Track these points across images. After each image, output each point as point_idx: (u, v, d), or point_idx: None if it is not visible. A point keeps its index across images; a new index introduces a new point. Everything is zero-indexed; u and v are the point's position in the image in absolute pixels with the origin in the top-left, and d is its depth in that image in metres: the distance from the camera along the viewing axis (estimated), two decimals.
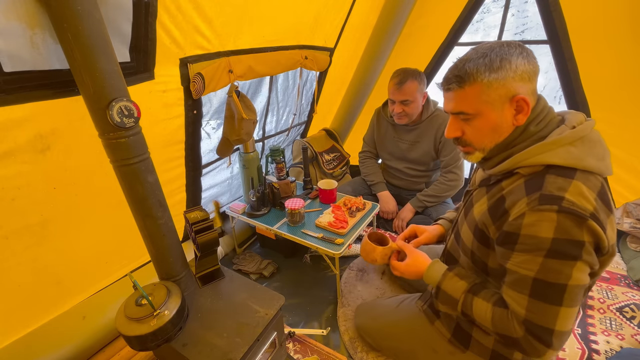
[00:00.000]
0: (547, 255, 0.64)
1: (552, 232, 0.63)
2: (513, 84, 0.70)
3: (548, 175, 0.67)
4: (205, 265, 1.11)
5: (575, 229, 0.62)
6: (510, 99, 0.71)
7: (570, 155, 0.67)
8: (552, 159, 0.68)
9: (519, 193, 0.70)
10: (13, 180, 0.85)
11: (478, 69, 0.71)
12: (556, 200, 0.63)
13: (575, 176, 0.66)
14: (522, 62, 0.69)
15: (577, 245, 0.62)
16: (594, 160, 0.69)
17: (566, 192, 0.64)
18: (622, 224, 1.89)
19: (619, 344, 1.33)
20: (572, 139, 0.69)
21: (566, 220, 0.62)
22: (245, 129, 1.47)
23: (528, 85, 0.71)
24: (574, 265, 0.63)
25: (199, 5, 1.04)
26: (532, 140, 0.73)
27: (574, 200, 0.63)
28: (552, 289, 0.65)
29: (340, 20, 1.87)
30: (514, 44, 0.71)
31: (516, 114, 0.73)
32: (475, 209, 0.84)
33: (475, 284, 0.83)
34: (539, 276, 0.66)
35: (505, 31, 2.14)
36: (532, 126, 0.73)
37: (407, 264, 0.97)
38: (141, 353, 1.25)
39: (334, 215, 1.61)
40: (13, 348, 1.02)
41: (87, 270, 1.18)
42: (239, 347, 0.86)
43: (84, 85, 0.74)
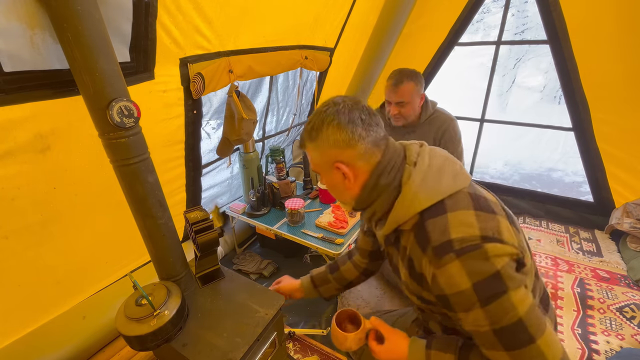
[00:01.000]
0: (481, 305, 0.61)
1: (467, 280, 0.60)
2: (329, 152, 0.72)
3: (426, 222, 0.66)
4: (205, 265, 1.11)
5: (482, 263, 0.60)
6: (332, 165, 0.73)
7: (429, 192, 0.67)
8: (418, 206, 0.67)
9: (417, 252, 0.68)
10: (13, 180, 0.85)
11: (304, 137, 0.76)
12: (448, 247, 0.61)
13: (447, 208, 0.65)
14: (333, 131, 0.70)
15: (495, 278, 0.60)
16: (449, 182, 0.68)
17: (450, 232, 0.62)
18: (622, 224, 1.89)
19: (619, 344, 1.33)
20: (421, 177, 0.69)
21: (469, 260, 0.60)
22: (245, 129, 1.47)
23: (348, 152, 0.71)
24: (509, 297, 0.60)
25: (199, 5, 1.04)
26: (388, 192, 0.72)
27: (461, 236, 0.61)
28: (515, 331, 0.61)
29: (340, 20, 1.87)
30: (331, 111, 0.70)
31: (344, 179, 0.74)
32: (401, 273, 0.80)
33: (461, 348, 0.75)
34: (494, 327, 0.62)
35: (506, 31, 2.14)
36: (383, 178, 0.72)
37: (386, 349, 0.86)
38: (141, 353, 1.25)
39: (334, 215, 1.61)
40: (13, 348, 1.02)
41: (87, 270, 1.18)
42: (239, 347, 0.86)
43: (84, 85, 0.74)
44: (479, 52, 2.26)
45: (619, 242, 1.95)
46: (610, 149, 1.96)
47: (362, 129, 0.70)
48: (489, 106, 2.38)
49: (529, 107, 5.90)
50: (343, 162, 0.72)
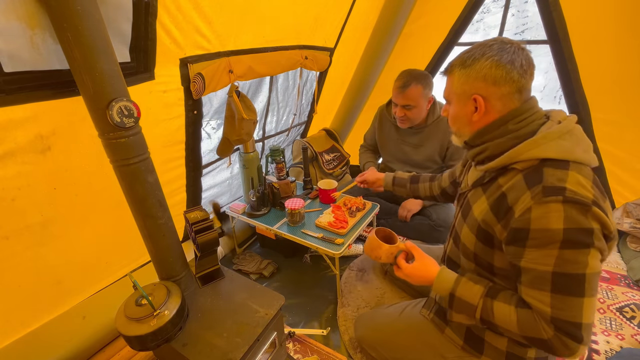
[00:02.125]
0: (561, 246, 0.65)
1: (562, 222, 0.64)
2: (474, 83, 0.76)
3: (545, 168, 0.69)
4: (205, 265, 1.11)
5: (582, 217, 0.63)
6: (470, 96, 0.78)
7: (562, 148, 0.70)
8: (546, 152, 0.70)
9: (521, 188, 0.71)
10: (13, 180, 0.85)
11: (456, 62, 0.80)
12: (559, 191, 0.65)
13: (570, 167, 0.68)
14: (489, 66, 0.73)
15: (587, 232, 0.63)
16: (582, 152, 0.71)
17: (566, 182, 0.66)
18: (622, 224, 1.89)
19: (619, 344, 1.33)
20: (560, 132, 0.71)
21: (572, 209, 0.63)
22: (245, 129, 1.47)
23: (491, 89, 0.75)
24: (588, 253, 0.64)
25: (199, 5, 1.04)
26: (512, 137, 0.76)
27: (576, 190, 0.64)
28: (573, 281, 0.65)
29: (340, 20, 1.87)
30: (496, 47, 0.74)
31: (475, 112, 0.78)
32: (475, 210, 0.83)
33: (491, 286, 0.81)
34: (557, 269, 0.66)
35: (506, 31, 2.14)
36: (511, 124, 0.76)
37: (415, 267, 0.93)
38: (141, 353, 1.25)
39: (334, 215, 1.61)
40: (13, 348, 1.02)
41: (87, 270, 1.18)
42: (239, 347, 0.86)
43: (84, 86, 0.74)
44: None
45: (619, 242, 1.95)
46: (610, 148, 1.96)
47: (517, 73, 0.73)
48: None
49: None
50: (482, 96, 0.76)
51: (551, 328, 0.68)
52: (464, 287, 0.82)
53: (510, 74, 0.73)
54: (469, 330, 0.91)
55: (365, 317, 1.27)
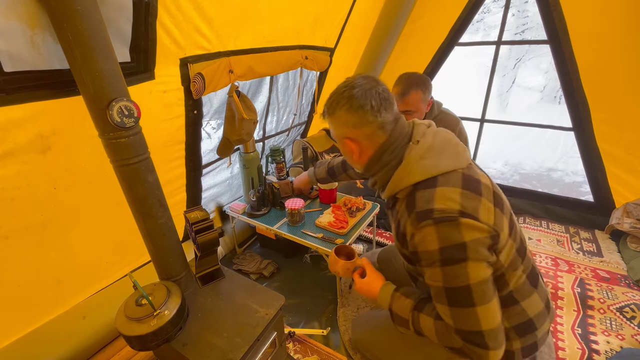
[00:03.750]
0: (441, 264, 0.70)
1: (436, 243, 0.69)
2: (341, 128, 0.83)
3: (417, 192, 0.75)
4: (205, 265, 1.11)
5: (453, 233, 0.68)
6: (342, 139, 0.84)
7: (424, 168, 0.75)
8: (414, 178, 0.76)
9: (404, 215, 0.77)
10: (13, 180, 0.85)
11: (325, 109, 0.86)
12: (428, 214, 0.70)
13: (438, 183, 0.73)
14: (344, 113, 0.79)
15: (460, 247, 0.67)
16: (447, 161, 0.76)
17: (434, 202, 0.70)
18: (622, 224, 1.89)
19: (619, 344, 1.33)
20: (419, 154, 0.77)
21: (442, 228, 0.68)
22: (245, 129, 1.47)
23: (355, 131, 0.81)
24: (466, 266, 0.68)
25: (199, 5, 1.04)
26: (389, 168, 0.81)
27: (442, 207, 0.69)
28: (460, 293, 0.70)
29: (340, 20, 1.87)
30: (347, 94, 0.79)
31: (352, 151, 0.84)
32: (393, 233, 0.90)
33: (421, 299, 0.86)
34: (445, 285, 0.71)
35: (506, 31, 2.14)
36: (385, 156, 0.81)
37: (363, 281, 1.00)
38: (141, 353, 1.25)
39: (334, 215, 1.61)
40: (13, 348, 1.02)
41: (87, 270, 1.18)
42: (239, 347, 0.86)
43: (84, 85, 0.74)
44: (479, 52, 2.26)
45: (619, 242, 1.95)
46: (610, 149, 1.96)
47: (371, 114, 0.78)
48: (489, 106, 2.38)
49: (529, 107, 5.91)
50: (351, 139, 0.83)
51: (459, 338, 0.74)
52: (397, 302, 0.89)
53: (364, 117, 0.78)
54: None
55: (360, 319, 1.28)
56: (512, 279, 0.78)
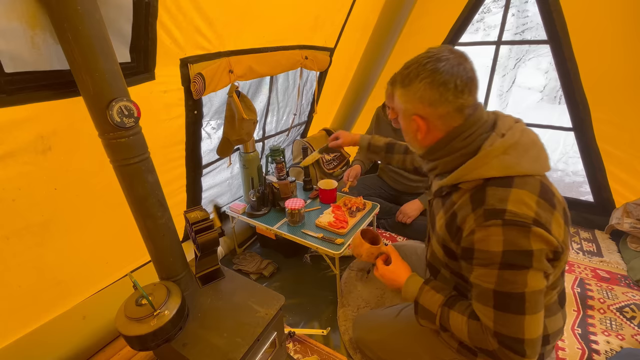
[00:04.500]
0: (500, 267, 0.66)
1: (501, 245, 0.65)
2: (413, 103, 0.75)
3: (488, 187, 0.69)
4: (205, 265, 1.11)
5: (522, 239, 0.64)
6: (411, 115, 0.77)
7: (504, 164, 0.69)
8: (488, 172, 0.70)
9: (467, 209, 0.72)
10: (14, 181, 0.85)
11: (397, 78, 0.78)
12: (499, 214, 0.65)
13: (514, 184, 0.68)
14: (423, 88, 0.72)
15: (526, 254, 0.64)
16: (529, 163, 0.70)
17: (507, 203, 0.66)
18: (622, 224, 1.89)
19: (619, 344, 1.33)
20: (503, 148, 0.71)
21: (511, 232, 0.64)
22: (245, 129, 1.47)
23: (429, 110, 0.74)
24: (526, 274, 0.65)
25: (199, 5, 1.04)
26: (459, 155, 0.75)
27: (516, 211, 0.65)
28: (512, 299, 0.67)
29: (341, 20, 1.87)
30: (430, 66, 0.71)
31: (417, 130, 0.78)
32: (438, 222, 0.85)
33: (452, 296, 0.84)
34: (497, 288, 0.68)
35: (506, 31, 2.14)
36: (457, 142, 0.75)
37: (389, 269, 0.97)
38: (141, 353, 1.25)
39: (334, 215, 1.61)
40: (13, 348, 1.02)
41: (88, 270, 1.18)
42: (239, 347, 0.87)
43: (84, 86, 0.74)
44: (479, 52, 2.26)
45: (619, 242, 1.95)
46: (610, 149, 1.96)
47: (453, 93, 0.71)
48: (489, 106, 2.38)
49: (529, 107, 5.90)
50: (421, 117, 0.76)
51: (495, 341, 0.71)
52: (426, 296, 0.86)
53: (444, 96, 0.71)
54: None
55: (362, 318, 1.27)
56: (547, 296, 0.77)
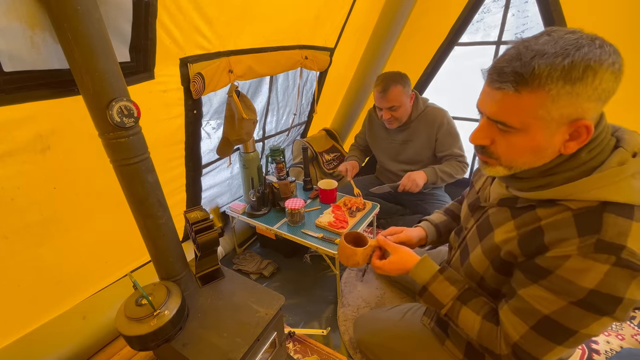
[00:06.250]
0: (576, 303, 0.56)
1: (594, 283, 0.54)
2: (585, 104, 0.54)
3: (606, 214, 0.55)
4: (205, 265, 1.11)
5: (622, 284, 0.53)
6: (571, 122, 0.55)
7: (632, 190, 0.55)
8: (612, 195, 0.55)
9: (568, 231, 0.57)
10: (13, 180, 0.85)
11: (551, 73, 0.52)
12: (616, 250, 0.53)
13: (635, 217, 0.54)
14: (610, 78, 0.53)
15: (615, 301, 0.54)
16: None
17: (627, 238, 0.53)
18: None
19: (619, 344, 1.33)
20: (635, 169, 0.56)
21: (617, 273, 0.53)
22: (245, 129, 1.47)
23: (600, 108, 0.56)
24: (599, 319, 0.56)
25: (199, 5, 1.04)
26: (580, 170, 0.59)
27: (635, 251, 0.52)
28: (561, 331, 0.59)
29: (341, 20, 1.87)
30: (608, 47, 0.54)
31: (568, 140, 0.58)
32: (498, 235, 0.71)
33: (466, 289, 0.78)
34: (553, 316, 0.59)
35: (506, 31, 2.14)
36: (584, 153, 0.59)
37: (391, 261, 0.88)
38: (141, 353, 1.25)
39: (334, 215, 1.61)
40: (13, 348, 1.02)
41: (87, 270, 1.18)
42: (239, 347, 0.86)
43: (83, 85, 0.74)
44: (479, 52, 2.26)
45: None
46: None
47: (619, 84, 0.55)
48: None
49: None
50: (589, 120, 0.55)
51: (509, 349, 0.66)
52: (439, 285, 0.80)
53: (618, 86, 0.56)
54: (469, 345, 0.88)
55: (364, 319, 1.25)
56: None
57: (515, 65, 0.54)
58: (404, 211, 2.06)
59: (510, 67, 0.55)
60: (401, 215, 2.04)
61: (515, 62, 0.54)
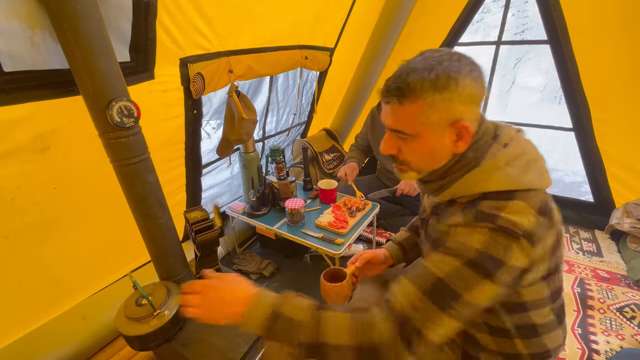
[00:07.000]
0: (466, 263, 0.61)
1: (481, 244, 0.60)
2: (458, 107, 0.63)
3: (483, 201, 0.64)
4: (205, 265, 1.11)
5: (501, 247, 0.59)
6: (452, 123, 0.64)
7: (508, 177, 0.63)
8: (490, 186, 0.64)
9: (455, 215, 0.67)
10: (13, 180, 0.85)
11: (422, 85, 0.62)
12: (492, 218, 0.60)
13: (514, 197, 0.62)
14: (471, 83, 0.62)
15: (497, 263, 0.59)
16: (535, 177, 0.64)
17: (504, 210, 0.61)
18: (622, 224, 1.89)
19: (619, 344, 1.33)
20: (507, 158, 0.65)
21: (499, 237, 0.59)
22: (245, 129, 1.47)
23: (473, 110, 0.65)
24: (483, 283, 0.60)
25: (199, 5, 1.04)
26: (467, 169, 0.68)
27: (512, 219, 0.59)
28: (448, 294, 0.61)
29: (340, 20, 1.87)
30: (465, 59, 0.63)
31: (456, 141, 0.66)
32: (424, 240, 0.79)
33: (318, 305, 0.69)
34: (445, 279, 0.61)
35: (506, 31, 2.14)
36: (470, 152, 0.67)
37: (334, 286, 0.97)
38: (141, 353, 1.25)
39: (334, 215, 1.61)
40: (13, 348, 1.02)
41: (87, 270, 1.18)
42: (239, 347, 0.87)
43: (83, 85, 0.74)
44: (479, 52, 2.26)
45: (619, 242, 1.95)
46: (610, 149, 1.96)
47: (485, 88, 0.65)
48: (489, 106, 2.38)
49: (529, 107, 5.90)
50: (468, 121, 0.64)
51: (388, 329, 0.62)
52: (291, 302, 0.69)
53: (483, 91, 0.65)
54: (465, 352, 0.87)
55: None
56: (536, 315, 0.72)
57: (397, 82, 0.65)
58: (403, 211, 2.05)
59: (394, 84, 0.66)
60: (401, 216, 2.04)
61: (397, 79, 0.65)
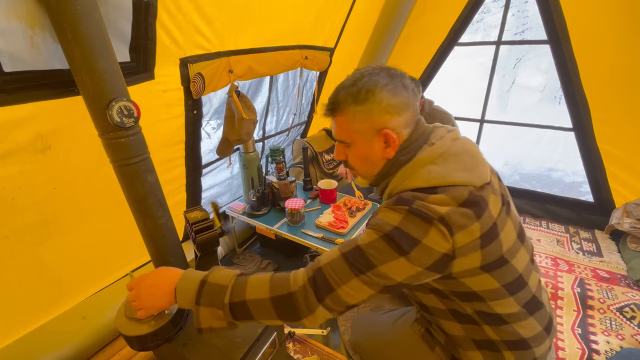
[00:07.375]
0: (382, 237, 0.63)
1: (398, 221, 0.63)
2: (379, 117, 0.69)
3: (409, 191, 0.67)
4: (205, 265, 1.11)
5: (416, 227, 0.61)
6: (378, 131, 0.71)
7: (432, 174, 0.66)
8: (415, 182, 0.67)
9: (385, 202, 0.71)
10: (13, 180, 0.85)
11: (346, 99, 0.71)
12: (409, 202, 0.64)
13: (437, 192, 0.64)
14: (387, 96, 0.68)
15: (411, 241, 0.61)
16: (463, 173, 0.67)
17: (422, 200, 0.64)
18: (622, 224, 1.89)
19: (619, 344, 1.33)
20: (431, 157, 0.68)
21: (413, 218, 0.62)
22: (245, 129, 1.47)
23: (396, 119, 0.70)
24: (398, 260, 0.62)
25: (199, 5, 1.04)
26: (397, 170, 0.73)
27: (426, 204, 0.62)
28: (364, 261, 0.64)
29: (340, 20, 1.87)
30: (383, 74, 0.69)
31: (385, 147, 0.72)
32: None
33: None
34: (364, 247, 0.64)
35: (506, 31, 2.14)
36: (401, 156, 0.72)
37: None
38: (141, 353, 1.25)
39: (334, 215, 1.61)
40: (13, 348, 1.02)
41: (88, 270, 1.18)
42: (239, 347, 0.86)
43: (83, 85, 0.74)
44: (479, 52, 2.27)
45: (619, 242, 1.95)
46: (610, 149, 1.96)
47: (412, 95, 0.70)
48: (488, 106, 2.38)
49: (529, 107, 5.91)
50: (392, 129, 0.70)
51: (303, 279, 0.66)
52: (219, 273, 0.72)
53: (408, 99, 0.70)
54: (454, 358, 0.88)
55: (360, 321, 1.25)
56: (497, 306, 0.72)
57: (331, 99, 0.75)
58: None
59: (329, 101, 0.76)
60: None
61: (332, 97, 0.75)
